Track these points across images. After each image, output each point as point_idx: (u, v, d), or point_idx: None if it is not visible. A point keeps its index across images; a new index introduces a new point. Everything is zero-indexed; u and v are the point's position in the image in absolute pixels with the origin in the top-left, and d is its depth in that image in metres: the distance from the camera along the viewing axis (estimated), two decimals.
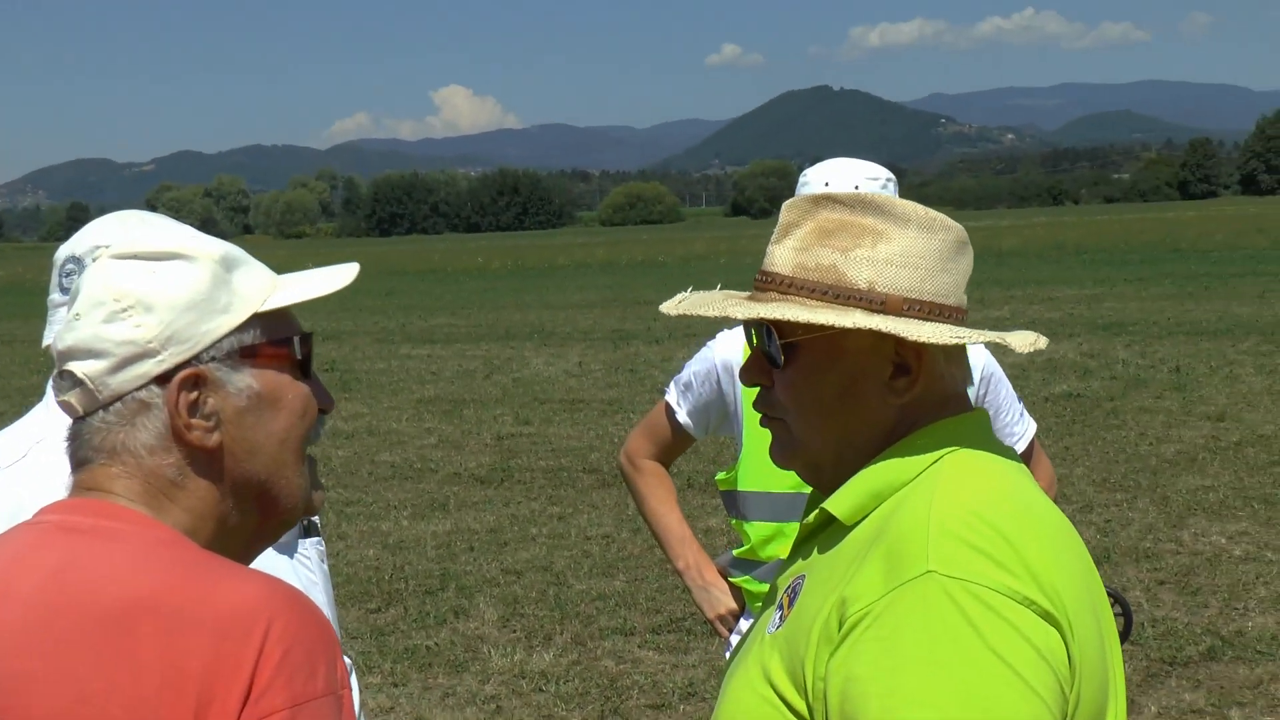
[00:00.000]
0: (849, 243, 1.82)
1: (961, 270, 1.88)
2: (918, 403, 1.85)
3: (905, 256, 1.81)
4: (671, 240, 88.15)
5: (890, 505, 1.78)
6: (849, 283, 1.80)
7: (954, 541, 1.67)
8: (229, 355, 1.63)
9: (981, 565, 1.65)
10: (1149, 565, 8.80)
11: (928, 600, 1.64)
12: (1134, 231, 62.98)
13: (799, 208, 1.87)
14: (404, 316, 32.90)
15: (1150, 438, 13.03)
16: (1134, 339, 20.96)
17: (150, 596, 1.47)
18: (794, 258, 1.84)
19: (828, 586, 1.75)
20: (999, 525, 1.70)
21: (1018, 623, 1.62)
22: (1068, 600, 1.68)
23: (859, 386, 1.83)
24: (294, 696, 1.44)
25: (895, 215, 1.83)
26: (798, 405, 1.86)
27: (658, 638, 7.81)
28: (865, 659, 1.64)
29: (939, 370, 1.85)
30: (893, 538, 1.72)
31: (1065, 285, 33.15)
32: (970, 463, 1.81)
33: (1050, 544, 1.73)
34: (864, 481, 1.82)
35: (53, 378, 1.67)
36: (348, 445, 14.63)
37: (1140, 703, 6.59)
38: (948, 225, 1.86)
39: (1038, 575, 1.66)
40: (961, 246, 1.87)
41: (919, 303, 1.81)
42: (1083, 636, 1.69)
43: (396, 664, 7.48)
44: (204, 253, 1.65)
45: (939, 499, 1.74)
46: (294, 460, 1.68)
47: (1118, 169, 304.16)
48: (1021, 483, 1.83)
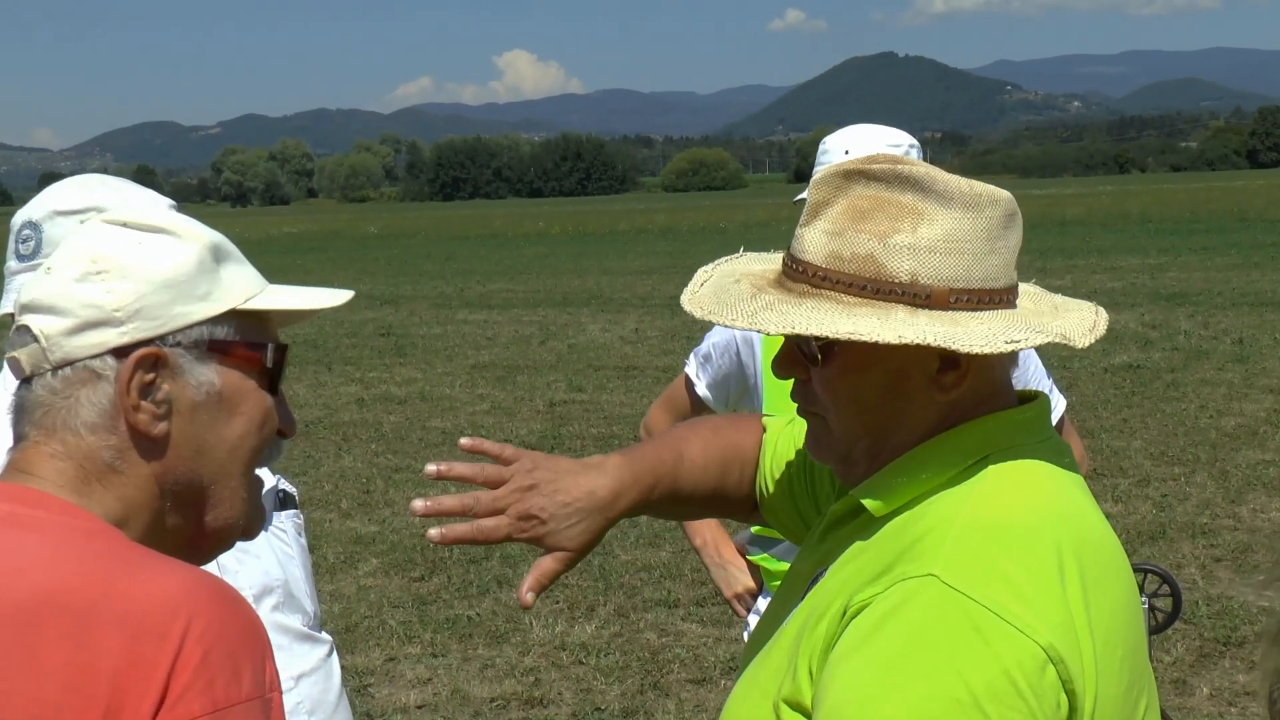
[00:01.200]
0: (887, 226, 1.65)
1: (1011, 246, 1.71)
2: (966, 397, 1.71)
3: (949, 241, 1.65)
4: (733, 207, 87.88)
5: (923, 503, 1.67)
6: (889, 275, 1.64)
7: (971, 551, 1.57)
8: (196, 345, 1.55)
9: (990, 582, 1.54)
10: (1205, 541, 8.62)
11: (917, 604, 1.55)
12: (1200, 200, 62.20)
13: (829, 184, 1.70)
14: (462, 281, 32.90)
15: (1211, 410, 12.81)
16: (1197, 309, 20.66)
17: (62, 591, 1.38)
18: (827, 244, 1.68)
19: (845, 579, 1.67)
20: (1032, 546, 1.59)
21: (1002, 652, 1.51)
22: (1097, 635, 1.57)
23: (903, 384, 1.70)
24: (214, 701, 1.34)
25: (936, 192, 1.66)
26: (836, 403, 1.73)
27: (701, 610, 7.72)
28: (843, 647, 1.58)
29: (990, 361, 1.70)
30: (915, 535, 1.63)
31: (1129, 254, 32.75)
32: (1017, 470, 1.69)
33: (1093, 568, 1.61)
34: (899, 475, 1.70)
35: (11, 334, 1.59)
36: (399, 410, 14.62)
37: (1192, 683, 6.45)
38: (994, 198, 1.68)
39: (1061, 605, 1.55)
40: (1009, 220, 1.70)
41: (967, 292, 1.66)
42: (1106, 673, 1.57)
43: (437, 634, 7.42)
44: (196, 236, 1.58)
45: (973, 503, 1.63)
46: (240, 472, 1.59)
47: (1185, 137, 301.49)
48: (1072, 495, 1.70)
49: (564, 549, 1.86)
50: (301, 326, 21.81)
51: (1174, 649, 6.80)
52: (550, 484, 1.86)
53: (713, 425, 2.12)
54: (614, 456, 1.95)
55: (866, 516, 1.72)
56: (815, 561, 1.80)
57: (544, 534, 1.85)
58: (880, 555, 1.64)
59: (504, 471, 1.87)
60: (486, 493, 1.84)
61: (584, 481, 1.88)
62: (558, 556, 1.86)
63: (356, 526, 9.80)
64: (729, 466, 2.05)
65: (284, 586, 2.60)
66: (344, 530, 9.68)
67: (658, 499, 1.96)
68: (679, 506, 2.04)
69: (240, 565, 2.51)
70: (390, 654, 7.19)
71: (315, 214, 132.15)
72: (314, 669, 2.64)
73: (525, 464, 1.88)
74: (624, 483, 1.91)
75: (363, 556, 9.01)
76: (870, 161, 1.70)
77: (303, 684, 2.60)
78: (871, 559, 1.65)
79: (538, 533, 1.85)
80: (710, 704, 6.45)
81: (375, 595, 8.17)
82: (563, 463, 1.91)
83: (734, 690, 1.78)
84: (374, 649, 7.24)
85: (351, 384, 16.66)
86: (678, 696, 6.57)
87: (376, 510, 10.30)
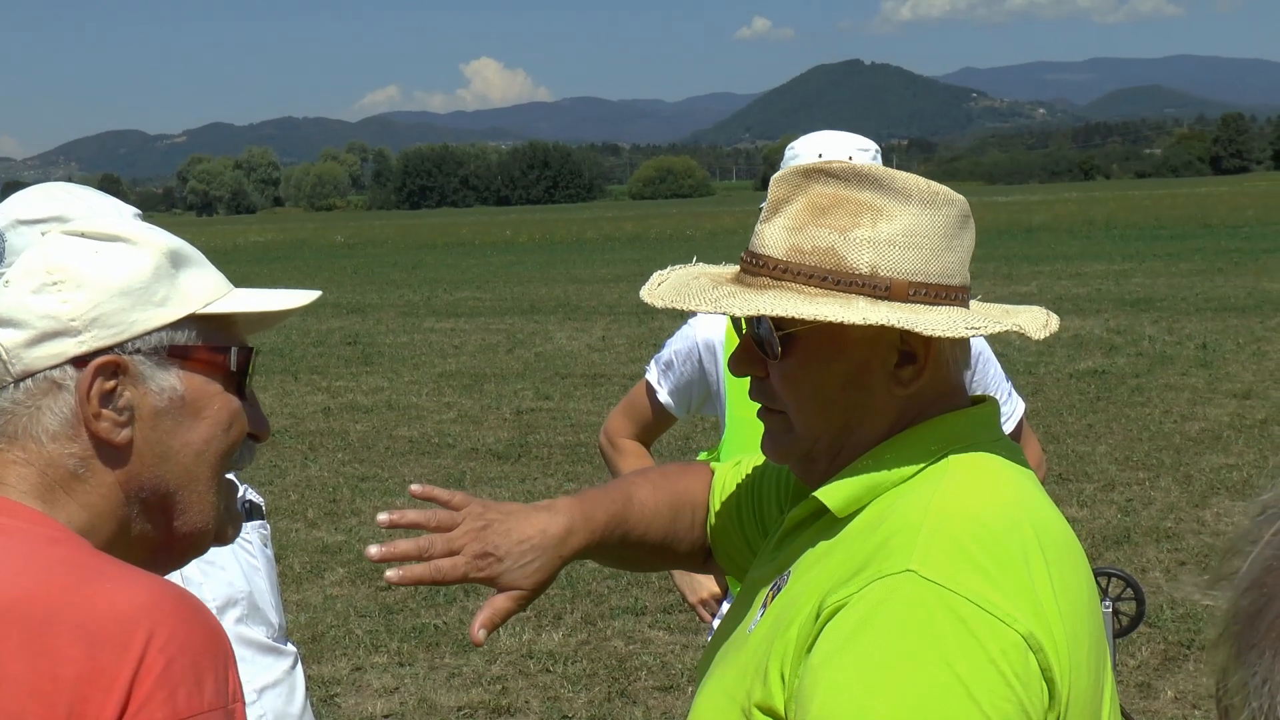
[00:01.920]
0: (847, 221, 1.69)
1: (965, 247, 1.75)
2: (923, 393, 1.74)
3: (908, 236, 1.68)
4: (700, 214, 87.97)
5: (887, 500, 1.69)
6: (849, 267, 1.68)
7: (944, 544, 1.58)
8: (156, 351, 1.55)
9: (967, 574, 1.55)
10: (1170, 545, 8.67)
11: (897, 600, 1.55)
12: (1165, 207, 62.56)
13: (789, 182, 1.74)
14: (429, 290, 32.83)
15: (1175, 415, 12.88)
16: (1162, 315, 20.77)
17: (24, 600, 1.37)
18: (787, 239, 1.71)
19: (813, 582, 1.67)
20: (1001, 537, 1.60)
21: (987, 641, 1.52)
22: (1065, 625, 1.58)
23: (863, 377, 1.72)
24: (176, 711, 1.34)
25: (895, 189, 1.70)
26: (797, 398, 1.75)
27: (669, 618, 7.72)
28: (823, 649, 1.57)
29: (946, 358, 1.75)
30: (884, 532, 1.63)
31: (1094, 261, 32.92)
32: (978, 464, 1.71)
33: (1056, 562, 1.63)
34: (860, 473, 1.72)
35: None
36: (366, 419, 14.59)
37: (1157, 686, 6.48)
38: (950, 199, 1.73)
39: (1033, 599, 1.56)
40: (964, 221, 1.74)
41: (925, 286, 1.69)
42: (1076, 664, 1.59)
43: (404, 643, 7.40)
44: (153, 243, 1.58)
45: (940, 498, 1.64)
46: (208, 476, 1.59)
47: (1149, 144, 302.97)
48: (1031, 491, 1.72)
49: (518, 587, 1.87)
50: (268, 335, 21.73)
51: (1139, 652, 6.83)
52: (503, 524, 1.88)
53: (661, 471, 2.16)
54: (564, 498, 1.97)
55: (829, 518, 1.73)
56: (775, 568, 1.81)
57: (499, 572, 1.87)
58: (850, 554, 1.64)
59: (455, 516, 1.88)
60: (441, 535, 1.86)
61: (536, 521, 1.90)
62: (511, 595, 1.87)
63: (323, 536, 9.76)
64: (680, 509, 2.08)
65: (248, 598, 2.59)
66: (310, 539, 9.65)
67: (610, 540, 1.99)
68: (630, 550, 2.06)
69: (205, 577, 2.50)
70: (357, 663, 7.16)
71: (282, 223, 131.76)
72: (278, 681, 2.62)
73: (476, 508, 1.90)
74: (575, 521, 1.93)
75: (329, 566, 8.98)
76: (829, 161, 1.74)
77: (266, 696, 2.58)
78: (840, 559, 1.65)
79: (493, 571, 1.86)
80: (677, 711, 6.45)
81: (342, 604, 8.14)
82: (513, 505, 1.94)
83: (699, 697, 1.77)
84: (340, 658, 7.22)
85: (318, 393, 16.61)
86: (645, 704, 6.57)
87: (343, 519, 10.27)
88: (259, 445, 1.67)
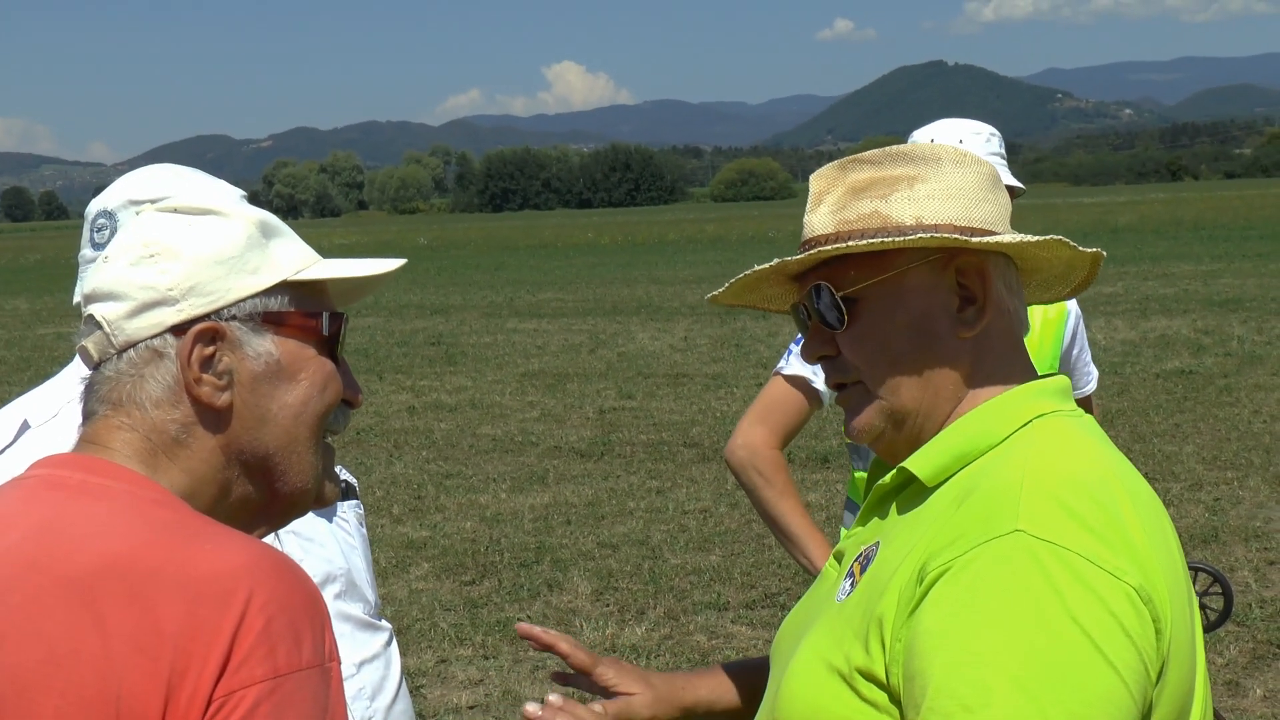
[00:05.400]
0: (886, 190, 1.77)
1: (1002, 203, 1.82)
2: (990, 339, 1.78)
3: (946, 190, 1.77)
4: (782, 216, 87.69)
5: (977, 467, 1.72)
6: (895, 222, 1.75)
7: (1048, 503, 1.60)
8: (251, 317, 1.59)
9: (1075, 531, 1.57)
10: (1258, 545, 8.57)
11: (1012, 560, 1.56)
12: (1255, 207, 61.68)
13: (827, 176, 1.84)
14: (512, 291, 32.99)
15: (1264, 415, 12.72)
16: (1251, 315, 20.50)
17: (127, 557, 1.42)
18: (833, 217, 1.79)
19: (907, 548, 1.68)
20: (1098, 495, 1.63)
21: (1105, 596, 1.54)
22: (1165, 583, 1.61)
23: (928, 325, 1.77)
24: (276, 668, 1.38)
25: (925, 159, 1.79)
26: (868, 358, 1.79)
27: (751, 613, 7.74)
28: (938, 614, 1.58)
29: (1005, 305, 1.79)
30: (982, 496, 1.65)
31: (1181, 261, 32.53)
32: (1063, 428, 1.75)
33: (1149, 522, 1.65)
34: (948, 442, 1.75)
35: (80, 327, 1.65)
36: (450, 418, 14.69)
37: (1245, 685, 6.42)
38: (979, 160, 1.82)
39: (1136, 552, 1.59)
40: (996, 182, 1.83)
41: (970, 229, 1.76)
42: (1177, 622, 1.61)
43: (488, 636, 7.47)
44: (243, 215, 1.63)
45: (1034, 460, 1.67)
46: (308, 437, 1.62)
47: (1239, 144, 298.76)
48: (1117, 456, 1.75)
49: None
50: (354, 336, 21.90)
51: (1227, 651, 6.77)
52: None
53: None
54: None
55: (916, 486, 1.76)
56: (862, 539, 1.83)
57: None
58: (946, 520, 1.66)
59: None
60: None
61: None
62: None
63: (408, 531, 9.86)
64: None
65: (346, 575, 2.64)
66: (396, 535, 9.74)
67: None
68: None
69: (304, 554, 2.54)
70: (442, 655, 7.24)
71: (366, 226, 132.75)
72: (375, 656, 2.68)
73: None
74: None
75: (414, 560, 9.07)
76: (861, 153, 1.85)
77: (364, 670, 2.64)
78: (936, 525, 1.67)
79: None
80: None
81: (427, 598, 8.22)
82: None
83: (792, 665, 1.77)
84: (426, 650, 7.30)
85: (403, 392, 16.74)
86: None
87: (428, 515, 10.36)
88: (353, 412, 1.71)
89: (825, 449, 11.57)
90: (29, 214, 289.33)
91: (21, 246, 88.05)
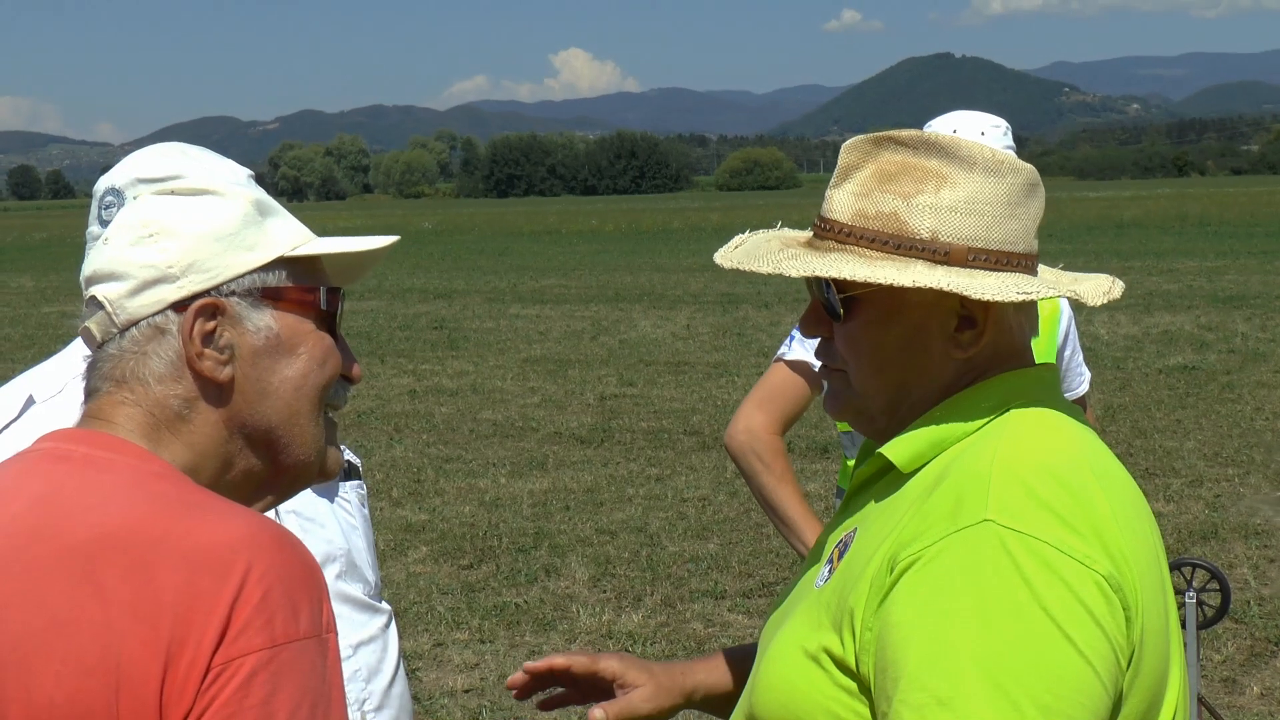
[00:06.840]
0: (911, 188, 1.73)
1: (1031, 214, 1.78)
2: (982, 356, 1.77)
3: (970, 203, 1.72)
4: (787, 206, 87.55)
5: (952, 454, 1.72)
6: (910, 232, 1.72)
7: (1018, 492, 1.60)
8: (250, 293, 1.63)
9: (1044, 520, 1.57)
10: (1258, 542, 8.57)
11: (981, 550, 1.57)
12: (1261, 204, 61.58)
13: (859, 150, 1.80)
14: (515, 277, 32.99)
15: (1266, 412, 12.72)
16: (1255, 312, 20.49)
17: (127, 527, 1.45)
18: (853, 204, 1.76)
19: (881, 535, 1.69)
20: (1069, 482, 1.63)
21: (1075, 585, 1.54)
22: (1137, 570, 1.61)
23: (921, 340, 1.76)
24: (273, 637, 1.40)
25: (960, 157, 1.74)
26: (856, 358, 1.79)
27: (748, 601, 7.74)
28: (910, 604, 1.58)
29: (1008, 323, 1.78)
30: (952, 484, 1.65)
31: (1186, 257, 32.49)
32: (1039, 416, 1.74)
33: (1123, 509, 1.65)
34: (924, 429, 1.75)
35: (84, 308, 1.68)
36: (451, 402, 14.70)
37: (1242, 682, 6.41)
38: (1016, 167, 1.76)
39: (1106, 540, 1.59)
40: (1030, 189, 1.77)
41: (985, 252, 1.72)
42: (1149, 610, 1.61)
43: (485, 620, 7.47)
44: (239, 194, 1.67)
45: (1005, 448, 1.67)
46: (309, 410, 1.65)
47: (1246, 140, 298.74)
48: (1094, 443, 1.76)
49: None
50: (355, 319, 21.91)
51: (1224, 648, 6.76)
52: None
53: None
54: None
55: (894, 474, 1.77)
56: (845, 527, 1.84)
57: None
58: (918, 508, 1.66)
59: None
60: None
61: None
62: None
63: (407, 514, 9.86)
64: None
65: (346, 555, 2.64)
66: (394, 518, 9.75)
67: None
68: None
69: (304, 533, 2.53)
70: (438, 639, 7.24)
71: (371, 209, 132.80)
72: (373, 638, 2.67)
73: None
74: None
75: (412, 544, 9.07)
76: (900, 130, 1.80)
77: (361, 652, 2.63)
78: (908, 513, 1.67)
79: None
80: None
81: (424, 582, 8.22)
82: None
83: (770, 649, 1.79)
84: (422, 634, 7.30)
85: (404, 376, 16.75)
86: None
87: (427, 499, 10.36)
88: (352, 387, 1.74)
89: (825, 438, 11.57)
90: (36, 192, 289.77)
91: (28, 225, 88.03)
